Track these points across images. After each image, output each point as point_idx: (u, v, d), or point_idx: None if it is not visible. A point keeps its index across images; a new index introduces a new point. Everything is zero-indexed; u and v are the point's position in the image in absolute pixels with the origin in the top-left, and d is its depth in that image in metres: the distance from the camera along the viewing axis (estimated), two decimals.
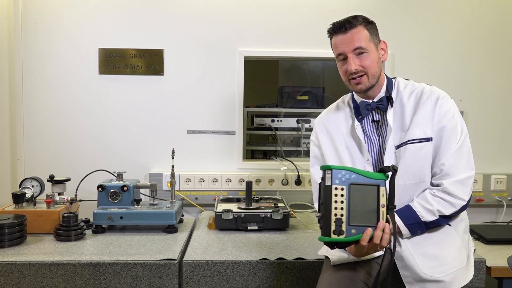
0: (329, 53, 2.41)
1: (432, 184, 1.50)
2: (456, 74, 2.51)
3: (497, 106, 2.53)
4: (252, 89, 2.80)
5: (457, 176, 1.45)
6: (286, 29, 2.47)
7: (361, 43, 1.48)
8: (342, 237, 1.28)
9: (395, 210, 1.36)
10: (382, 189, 1.31)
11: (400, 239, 1.46)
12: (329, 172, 1.28)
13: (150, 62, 2.45)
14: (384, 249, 1.34)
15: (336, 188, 1.27)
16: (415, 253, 1.45)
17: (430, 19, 2.49)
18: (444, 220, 1.47)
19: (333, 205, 1.27)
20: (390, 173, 1.33)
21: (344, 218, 1.27)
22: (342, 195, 1.27)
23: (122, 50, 2.44)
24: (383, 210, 1.31)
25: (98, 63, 2.44)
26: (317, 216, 1.34)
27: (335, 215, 1.27)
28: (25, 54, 2.42)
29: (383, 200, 1.31)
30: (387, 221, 1.32)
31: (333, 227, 1.27)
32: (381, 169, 1.34)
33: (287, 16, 2.46)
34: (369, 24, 1.52)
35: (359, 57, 1.50)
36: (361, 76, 1.51)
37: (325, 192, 1.29)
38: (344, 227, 1.27)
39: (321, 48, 2.45)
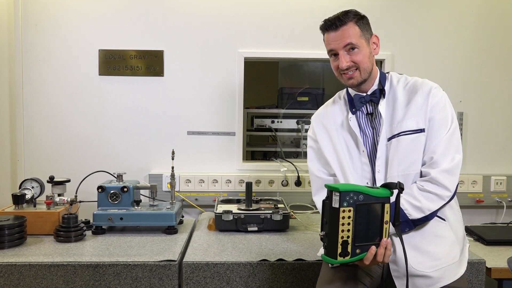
0: None
1: (421, 173, 1.50)
2: (455, 75, 2.51)
3: (497, 107, 2.53)
4: (252, 90, 2.80)
5: (445, 165, 1.45)
6: (286, 30, 2.47)
7: (352, 39, 1.50)
8: (347, 258, 1.27)
9: None
10: (386, 206, 1.29)
11: (396, 246, 1.45)
12: (337, 194, 1.24)
13: (150, 63, 2.45)
14: None
15: (343, 211, 1.24)
16: (407, 247, 1.42)
17: (430, 20, 2.49)
18: (432, 215, 1.46)
19: (340, 227, 1.24)
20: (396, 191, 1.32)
21: (350, 240, 1.25)
22: (349, 217, 1.25)
23: (122, 51, 2.44)
24: (386, 226, 1.30)
25: (98, 64, 2.44)
26: (320, 235, 1.30)
27: (342, 237, 1.25)
28: (25, 55, 2.42)
29: (386, 217, 1.30)
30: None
31: (339, 250, 1.25)
32: (386, 185, 1.32)
33: (287, 17, 2.46)
34: (360, 19, 1.53)
35: (350, 53, 1.51)
36: (354, 71, 1.52)
37: (332, 214, 1.25)
38: (349, 249, 1.26)
39: (321, 49, 2.41)
